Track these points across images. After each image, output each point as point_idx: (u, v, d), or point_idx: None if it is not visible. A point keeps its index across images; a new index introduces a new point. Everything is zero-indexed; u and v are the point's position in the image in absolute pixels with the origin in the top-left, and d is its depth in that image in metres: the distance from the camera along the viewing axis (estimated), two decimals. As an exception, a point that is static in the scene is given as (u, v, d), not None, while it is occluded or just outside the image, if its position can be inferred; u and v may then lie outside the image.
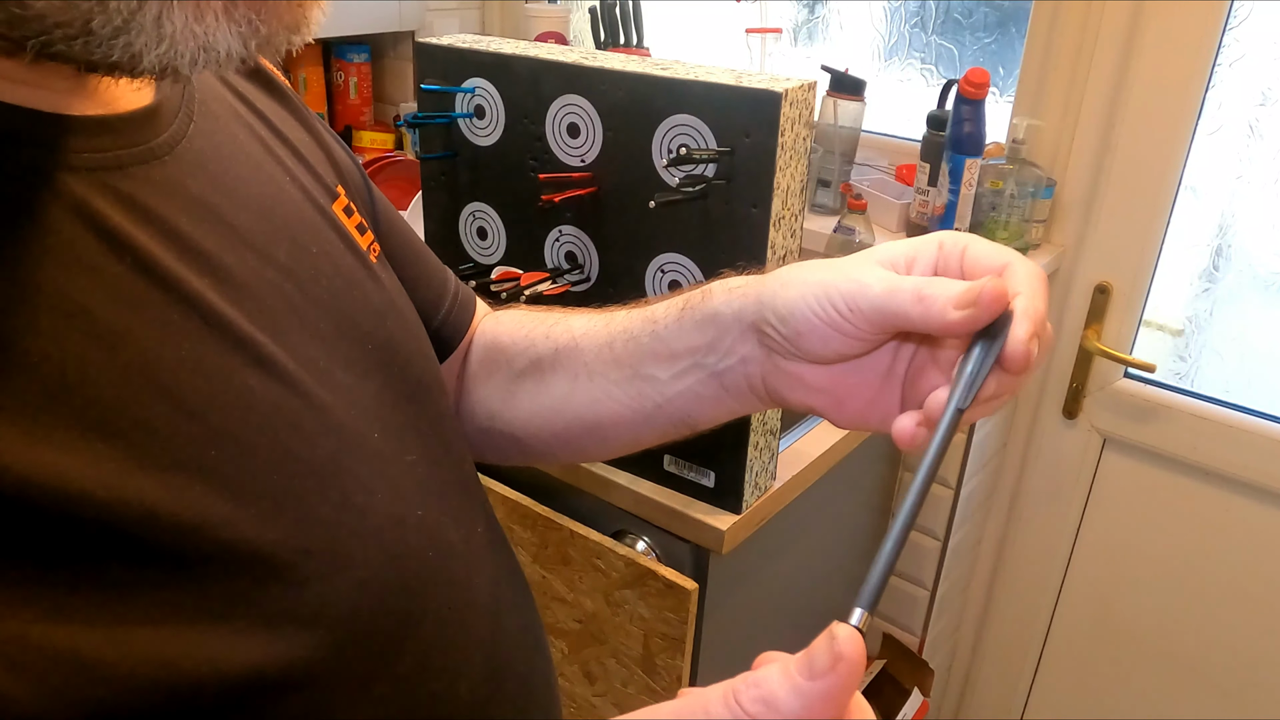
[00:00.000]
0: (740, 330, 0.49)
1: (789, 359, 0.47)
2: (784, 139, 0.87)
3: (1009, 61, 1.48)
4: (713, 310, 0.50)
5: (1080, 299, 1.43)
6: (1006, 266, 0.41)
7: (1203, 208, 1.36)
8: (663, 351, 0.52)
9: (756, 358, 0.49)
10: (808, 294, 0.44)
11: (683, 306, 0.52)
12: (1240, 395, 1.38)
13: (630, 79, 0.92)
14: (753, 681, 0.31)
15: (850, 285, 0.42)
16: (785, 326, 0.45)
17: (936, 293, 0.40)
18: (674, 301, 0.53)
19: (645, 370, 0.53)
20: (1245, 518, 1.38)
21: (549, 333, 0.59)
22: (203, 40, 0.31)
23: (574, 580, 1.10)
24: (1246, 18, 1.25)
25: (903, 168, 1.51)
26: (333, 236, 0.48)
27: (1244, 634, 1.43)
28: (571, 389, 0.57)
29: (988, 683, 1.75)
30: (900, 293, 0.41)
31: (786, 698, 0.30)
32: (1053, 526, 1.57)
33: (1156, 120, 1.30)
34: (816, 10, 1.67)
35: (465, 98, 1.04)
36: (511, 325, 0.64)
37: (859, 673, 0.30)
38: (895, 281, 0.42)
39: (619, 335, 0.55)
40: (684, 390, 0.52)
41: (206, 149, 0.41)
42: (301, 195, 0.47)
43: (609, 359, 0.55)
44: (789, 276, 0.46)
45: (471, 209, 1.09)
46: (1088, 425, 1.49)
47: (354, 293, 0.46)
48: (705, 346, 0.50)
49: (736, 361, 0.49)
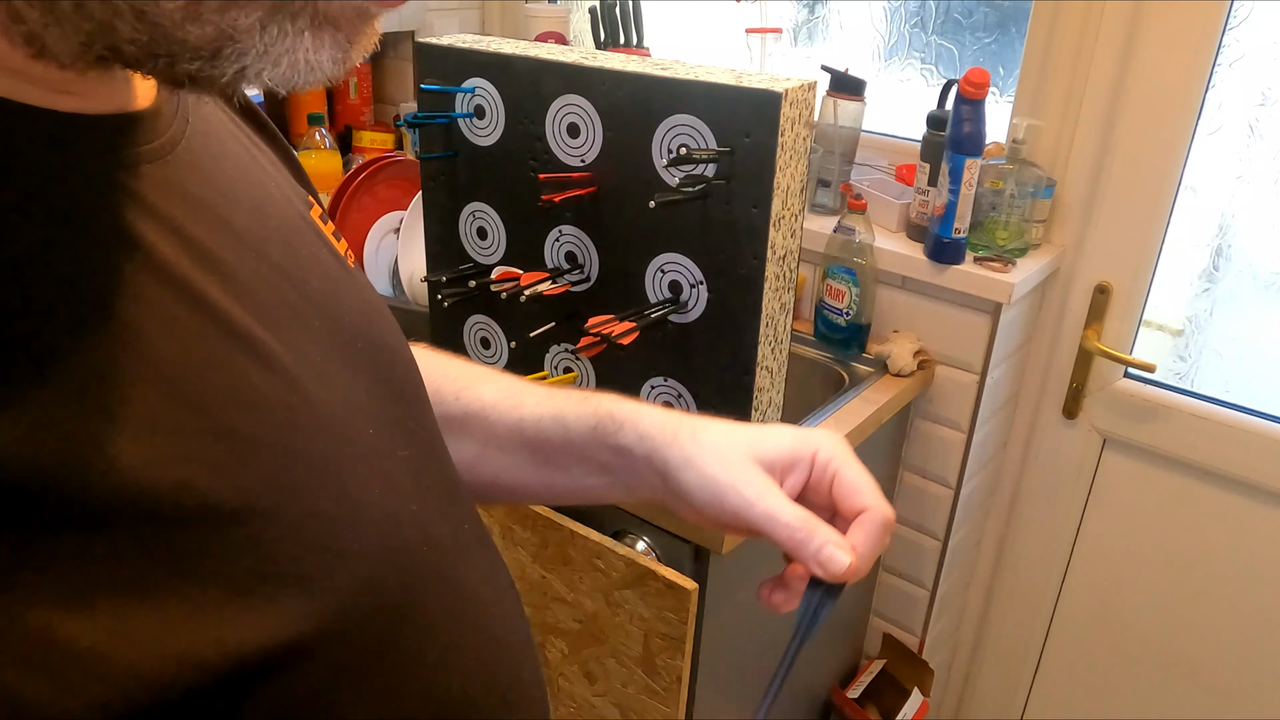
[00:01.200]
0: (648, 468, 0.55)
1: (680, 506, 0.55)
2: (784, 139, 0.87)
3: (1009, 61, 1.48)
4: (624, 444, 0.56)
5: (1080, 299, 1.43)
6: (865, 513, 0.50)
7: (1203, 208, 1.36)
8: (574, 453, 0.58)
9: (659, 488, 0.55)
10: (705, 487, 0.52)
11: (594, 425, 0.57)
12: (1240, 395, 1.38)
13: (630, 79, 0.92)
14: None
15: (737, 500, 0.50)
16: (684, 496, 0.53)
17: (804, 541, 0.49)
18: (583, 412, 0.58)
19: (555, 460, 0.59)
20: (1245, 518, 1.38)
21: (459, 394, 0.62)
22: (310, 62, 0.32)
23: (574, 580, 1.10)
24: (1246, 18, 1.25)
25: (903, 168, 1.51)
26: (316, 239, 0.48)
27: (1244, 634, 1.43)
28: (480, 454, 0.61)
29: (988, 683, 1.75)
30: (776, 525, 0.50)
31: None
32: (1053, 526, 1.57)
33: (1156, 120, 1.30)
34: (816, 10, 1.67)
35: (465, 98, 1.04)
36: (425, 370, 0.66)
37: None
38: (773, 513, 0.50)
39: (530, 421, 0.59)
40: (591, 484, 0.59)
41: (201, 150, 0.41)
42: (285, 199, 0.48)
43: (519, 440, 0.60)
44: (689, 455, 0.53)
45: (471, 209, 1.09)
46: (1088, 425, 1.49)
47: (341, 293, 0.47)
48: (615, 465, 0.57)
49: (643, 485, 0.56)
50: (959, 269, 1.34)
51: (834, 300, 1.42)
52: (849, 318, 1.42)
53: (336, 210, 1.47)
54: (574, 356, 1.09)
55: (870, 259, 1.38)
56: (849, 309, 1.41)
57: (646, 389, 1.04)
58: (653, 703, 1.10)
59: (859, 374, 1.40)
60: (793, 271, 0.97)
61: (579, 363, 1.09)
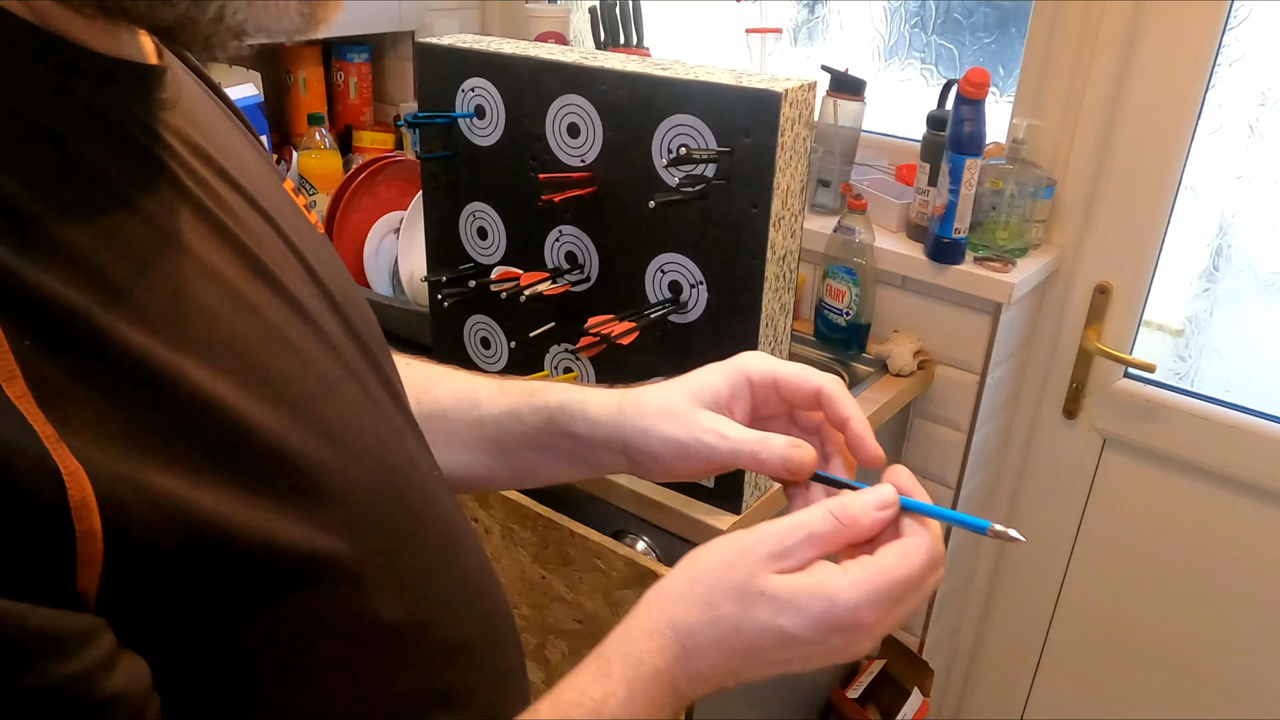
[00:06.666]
0: (605, 449, 0.58)
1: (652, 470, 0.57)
2: (784, 139, 0.87)
3: (1009, 61, 1.48)
4: (579, 433, 0.58)
5: (1080, 299, 1.43)
6: (819, 392, 0.53)
7: (1203, 208, 1.36)
8: (532, 443, 0.61)
9: (622, 464, 0.58)
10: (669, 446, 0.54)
11: (546, 417, 0.59)
12: (1240, 395, 1.38)
13: (630, 79, 0.92)
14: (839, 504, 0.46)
15: (701, 447, 0.53)
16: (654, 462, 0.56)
17: (765, 457, 0.51)
18: (535, 405, 0.60)
19: (515, 451, 0.62)
20: (1245, 518, 1.38)
21: (419, 399, 0.64)
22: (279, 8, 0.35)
23: (574, 580, 1.10)
24: (1246, 18, 1.25)
25: (903, 168, 1.51)
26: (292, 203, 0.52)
27: (1244, 634, 1.43)
28: (444, 454, 0.63)
29: (988, 683, 1.75)
30: (741, 456, 0.52)
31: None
32: (1053, 526, 1.57)
33: (1156, 120, 1.30)
34: (816, 10, 1.67)
35: (465, 97, 1.04)
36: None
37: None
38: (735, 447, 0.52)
39: (488, 419, 0.62)
40: (555, 467, 0.62)
41: (193, 106, 0.45)
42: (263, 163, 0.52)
43: (480, 437, 0.63)
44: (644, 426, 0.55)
45: (471, 209, 1.09)
46: (1088, 425, 1.49)
47: (319, 251, 0.50)
48: (574, 451, 0.60)
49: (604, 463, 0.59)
50: (959, 269, 1.34)
51: (834, 300, 1.42)
52: (849, 318, 1.42)
53: (336, 210, 1.47)
54: (574, 356, 1.09)
55: (870, 259, 1.38)
56: (849, 309, 1.41)
57: (646, 389, 1.04)
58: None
59: (859, 374, 1.40)
60: (793, 271, 0.97)
61: (579, 363, 1.09)
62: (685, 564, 0.47)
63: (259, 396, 0.38)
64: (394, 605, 0.44)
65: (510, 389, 0.63)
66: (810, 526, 0.45)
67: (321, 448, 0.41)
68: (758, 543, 0.45)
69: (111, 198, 0.36)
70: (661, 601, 0.46)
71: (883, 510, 0.46)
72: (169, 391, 0.35)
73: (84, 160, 0.35)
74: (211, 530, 0.35)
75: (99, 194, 0.35)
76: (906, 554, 0.44)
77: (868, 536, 0.46)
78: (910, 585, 0.44)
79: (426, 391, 0.65)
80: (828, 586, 0.43)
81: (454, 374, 0.66)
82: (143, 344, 0.34)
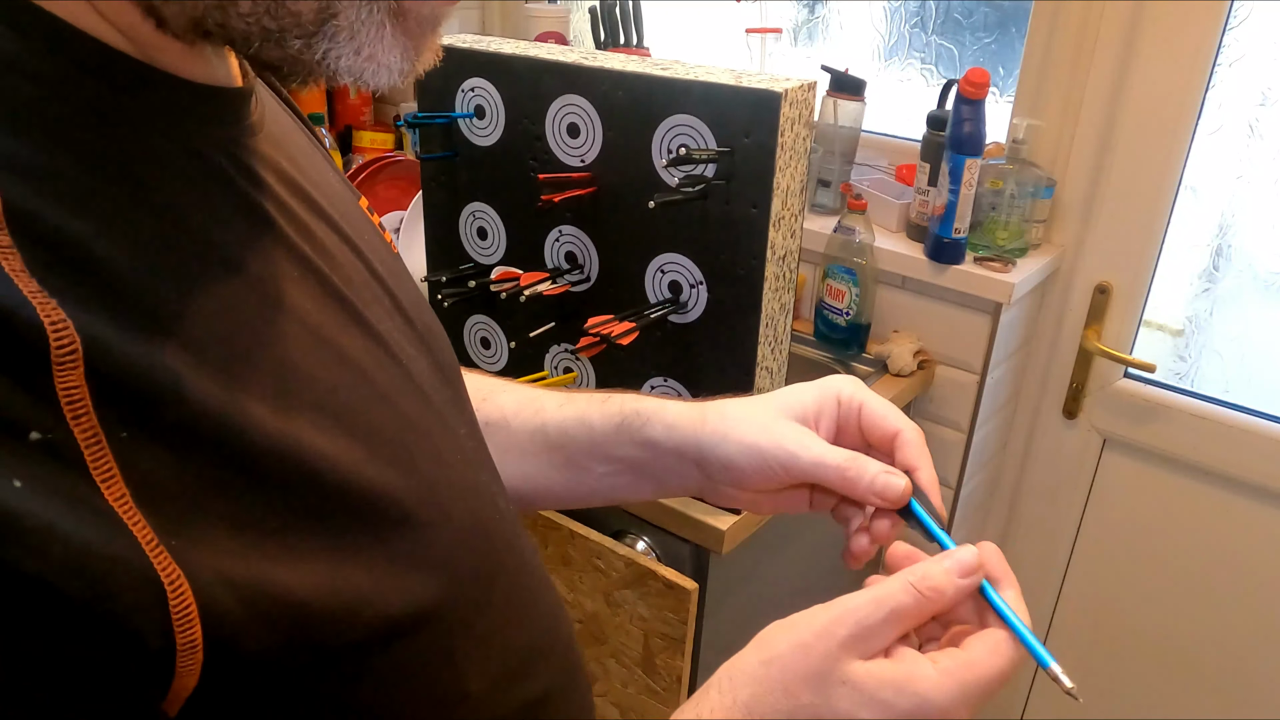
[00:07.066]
0: (679, 459, 0.56)
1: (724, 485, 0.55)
2: (784, 139, 0.87)
3: (1009, 61, 1.48)
4: (651, 438, 0.56)
5: (1080, 299, 1.43)
6: (898, 435, 0.51)
7: (1203, 208, 1.36)
8: (599, 453, 0.59)
9: (694, 477, 0.56)
10: (747, 453, 0.52)
11: (619, 421, 0.57)
12: (1240, 395, 1.38)
13: (630, 79, 0.92)
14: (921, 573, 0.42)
15: (782, 454, 0.51)
16: (728, 472, 0.54)
17: (856, 476, 0.50)
18: (607, 411, 0.58)
19: (580, 462, 0.60)
20: (1245, 518, 1.38)
21: (480, 406, 0.62)
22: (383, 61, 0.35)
23: (574, 580, 1.10)
24: (1246, 18, 1.25)
25: (903, 168, 1.51)
26: (370, 224, 0.51)
27: (1244, 634, 1.43)
28: (503, 462, 0.61)
29: (988, 683, 1.75)
30: (826, 469, 0.50)
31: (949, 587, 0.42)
32: (1053, 526, 1.57)
33: (1156, 120, 1.30)
34: (816, 10, 1.67)
35: (465, 97, 1.04)
36: None
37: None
38: (820, 458, 0.50)
39: (552, 425, 0.60)
40: (618, 483, 0.59)
41: (278, 131, 0.44)
42: (342, 185, 0.50)
43: (543, 443, 0.61)
44: (724, 430, 0.53)
45: (471, 209, 1.09)
46: (1088, 425, 1.49)
47: (398, 277, 0.49)
48: (643, 461, 0.57)
49: (673, 477, 0.57)
50: (959, 269, 1.34)
51: (834, 300, 1.42)
52: (849, 318, 1.42)
53: (336, 210, 1.47)
54: (574, 356, 1.09)
55: (870, 259, 1.38)
56: (849, 309, 1.41)
57: (646, 389, 1.04)
58: (653, 703, 1.10)
59: (859, 374, 1.40)
60: (792, 271, 0.97)
61: (579, 363, 1.09)
62: (759, 643, 0.44)
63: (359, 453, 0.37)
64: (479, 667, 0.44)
65: (579, 397, 0.61)
66: (891, 602, 0.41)
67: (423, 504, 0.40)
68: (836, 624, 0.41)
69: (211, 258, 0.34)
70: (735, 684, 0.43)
71: (966, 578, 0.43)
72: (269, 465, 0.33)
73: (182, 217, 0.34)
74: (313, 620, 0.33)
75: (198, 254, 0.34)
76: (996, 649, 0.42)
77: (951, 607, 0.43)
78: (1000, 682, 0.41)
79: (487, 399, 0.63)
80: (917, 681, 0.40)
81: (516, 385, 0.65)
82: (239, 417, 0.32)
